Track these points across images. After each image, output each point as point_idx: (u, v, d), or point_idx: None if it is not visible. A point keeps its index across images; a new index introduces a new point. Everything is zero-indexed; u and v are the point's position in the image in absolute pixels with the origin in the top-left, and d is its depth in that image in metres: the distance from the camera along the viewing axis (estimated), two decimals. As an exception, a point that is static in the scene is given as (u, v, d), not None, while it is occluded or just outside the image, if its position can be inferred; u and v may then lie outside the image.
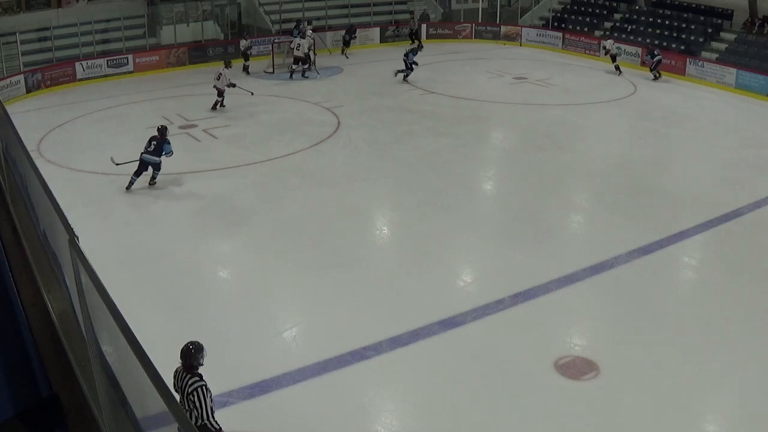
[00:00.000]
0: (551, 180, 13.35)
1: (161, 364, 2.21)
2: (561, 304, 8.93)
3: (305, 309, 9.07)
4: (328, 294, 9.17)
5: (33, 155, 4.78)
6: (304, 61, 21.22)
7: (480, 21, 28.34)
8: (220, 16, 25.35)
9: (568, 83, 21.01)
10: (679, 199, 12.36)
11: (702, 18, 23.08)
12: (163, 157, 12.26)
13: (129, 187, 12.24)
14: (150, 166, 12.24)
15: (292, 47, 21.63)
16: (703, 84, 20.81)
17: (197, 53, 23.40)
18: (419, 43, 25.01)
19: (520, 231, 11.11)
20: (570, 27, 26.11)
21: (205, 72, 22.26)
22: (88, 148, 15.04)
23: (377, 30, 26.80)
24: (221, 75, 17.36)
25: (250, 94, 18.44)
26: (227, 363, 5.84)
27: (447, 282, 9.63)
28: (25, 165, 4.16)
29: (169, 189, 12.36)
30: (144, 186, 12.53)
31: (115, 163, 12.36)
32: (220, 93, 17.55)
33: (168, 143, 12.26)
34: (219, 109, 17.66)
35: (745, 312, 8.71)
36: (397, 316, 8.50)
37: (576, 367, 7.51)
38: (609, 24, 25.25)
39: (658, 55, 21.14)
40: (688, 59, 21.48)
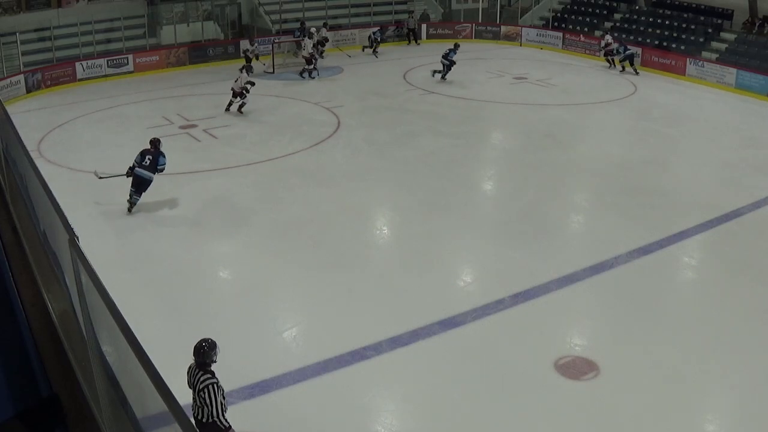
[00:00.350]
0: (551, 180, 13.35)
1: (161, 364, 2.21)
2: (561, 304, 8.93)
3: (305, 309, 9.07)
4: (328, 294, 9.17)
5: (33, 155, 4.78)
6: (309, 61, 21.30)
7: (480, 21, 28.34)
8: (220, 16, 25.34)
9: (568, 83, 21.00)
10: (679, 199, 12.36)
11: (702, 18, 23.08)
12: (156, 174, 11.36)
13: (131, 209, 11.34)
14: (143, 183, 11.23)
15: (303, 47, 21.67)
16: (703, 84, 20.81)
17: (197, 53, 23.39)
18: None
19: (520, 231, 11.11)
20: (570, 27, 26.11)
21: (205, 72, 22.35)
22: (88, 148, 15.03)
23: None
24: (239, 78, 17.08)
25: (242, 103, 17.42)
26: (227, 363, 5.83)
27: (447, 282, 9.63)
28: (25, 165, 4.17)
29: (169, 189, 12.33)
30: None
31: (98, 177, 11.60)
32: (235, 95, 17.15)
33: (163, 156, 11.39)
34: (233, 112, 17.20)
35: (745, 312, 8.71)
36: (397, 316, 8.50)
37: (576, 367, 7.51)
38: (609, 24, 25.24)
39: (629, 50, 22.03)
40: (688, 59, 21.48)
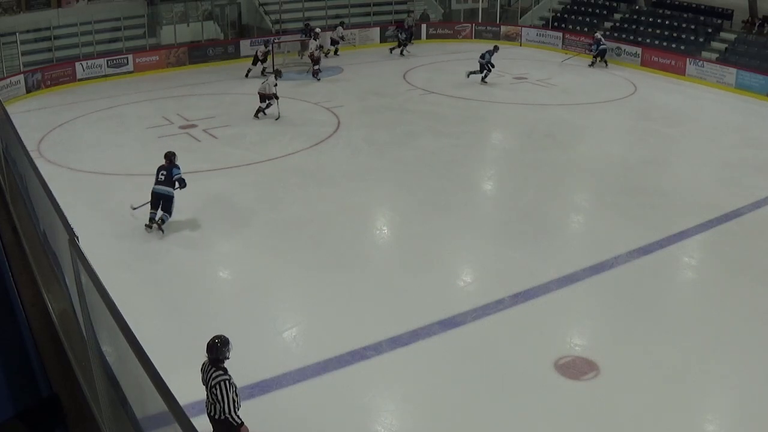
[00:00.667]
0: (551, 180, 13.35)
1: (161, 364, 2.21)
2: (561, 304, 8.93)
3: (305, 309, 9.08)
4: (328, 294, 9.17)
5: (33, 155, 4.79)
6: (316, 61, 21.36)
7: (480, 21, 28.34)
8: (220, 16, 25.35)
9: (568, 83, 21.00)
10: (679, 199, 12.36)
11: (702, 18, 23.08)
12: (177, 190, 10.83)
13: (150, 225, 10.79)
14: (161, 200, 10.74)
15: (311, 48, 21.66)
16: (703, 84, 20.81)
17: (197, 53, 23.39)
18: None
19: (520, 231, 11.11)
20: (570, 27, 26.11)
21: (205, 72, 22.34)
22: (88, 148, 15.04)
23: (377, 30, 26.78)
24: (266, 81, 16.92)
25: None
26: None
27: (447, 282, 9.63)
28: (25, 165, 4.17)
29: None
30: (145, 186, 11.58)
31: (133, 209, 11.18)
32: (262, 99, 16.83)
33: (177, 167, 10.87)
34: (261, 117, 16.94)
35: (745, 312, 8.71)
36: (397, 316, 8.50)
37: (576, 367, 7.52)
38: (609, 24, 25.24)
39: (603, 45, 22.81)
40: (688, 59, 21.48)
